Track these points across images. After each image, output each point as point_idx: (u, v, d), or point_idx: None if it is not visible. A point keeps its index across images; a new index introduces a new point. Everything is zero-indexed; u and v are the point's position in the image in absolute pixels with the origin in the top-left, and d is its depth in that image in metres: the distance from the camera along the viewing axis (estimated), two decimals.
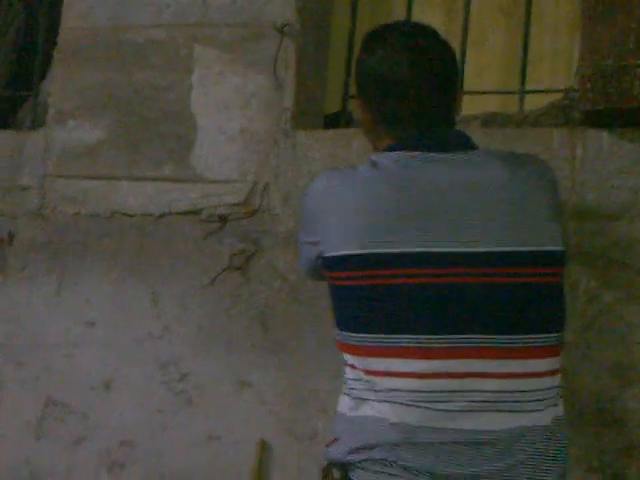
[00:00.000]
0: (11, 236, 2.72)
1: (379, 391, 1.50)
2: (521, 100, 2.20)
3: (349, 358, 1.57)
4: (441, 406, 1.47)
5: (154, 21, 2.57)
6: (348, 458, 1.54)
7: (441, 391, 1.47)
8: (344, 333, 1.56)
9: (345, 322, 1.56)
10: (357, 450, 1.53)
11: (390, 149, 1.58)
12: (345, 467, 1.57)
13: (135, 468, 2.49)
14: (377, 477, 1.49)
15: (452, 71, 1.61)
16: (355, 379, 1.57)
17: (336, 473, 1.59)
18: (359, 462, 1.53)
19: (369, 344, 1.51)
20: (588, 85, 1.95)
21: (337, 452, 1.57)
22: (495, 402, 1.47)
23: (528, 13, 2.21)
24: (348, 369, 1.58)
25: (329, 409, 2.26)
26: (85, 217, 2.62)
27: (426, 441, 1.47)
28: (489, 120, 2.19)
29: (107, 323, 2.57)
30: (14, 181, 2.73)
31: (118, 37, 2.61)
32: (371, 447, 1.51)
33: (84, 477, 2.54)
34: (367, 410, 1.53)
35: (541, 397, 1.49)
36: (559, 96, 2.17)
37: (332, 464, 1.61)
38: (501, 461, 1.46)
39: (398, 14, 2.42)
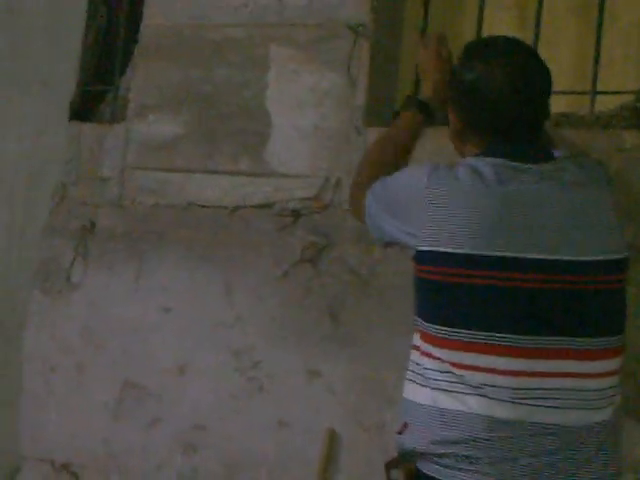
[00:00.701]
0: (92, 225, 2.84)
1: (473, 386, 1.58)
2: (592, 101, 2.23)
3: (434, 350, 1.62)
4: (538, 402, 1.57)
5: (232, 20, 2.64)
6: (427, 448, 1.61)
7: (536, 389, 1.57)
8: (433, 325, 1.63)
9: (437, 315, 1.62)
10: (439, 442, 1.60)
11: (480, 154, 1.66)
12: (415, 458, 1.64)
13: (207, 451, 2.58)
14: (463, 475, 1.58)
15: (546, 90, 1.69)
16: (439, 371, 1.62)
17: (406, 464, 1.66)
18: (439, 455, 1.60)
19: (463, 339, 1.59)
20: None
21: (413, 441, 1.64)
22: (585, 400, 1.58)
23: (600, 15, 2.23)
24: (428, 359, 1.64)
25: (397, 400, 2.30)
26: (162, 208, 2.72)
27: (516, 437, 1.56)
28: (561, 121, 2.23)
29: (182, 310, 2.66)
30: (95, 172, 2.84)
31: (197, 35, 2.70)
32: (456, 441, 1.58)
33: (158, 457, 2.64)
34: (454, 403, 1.59)
35: (611, 394, 1.62)
36: (630, 98, 2.19)
37: (404, 454, 1.67)
38: (580, 454, 1.58)
39: (470, 14, 2.46)
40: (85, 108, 2.94)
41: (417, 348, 1.68)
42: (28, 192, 2.94)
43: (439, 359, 1.62)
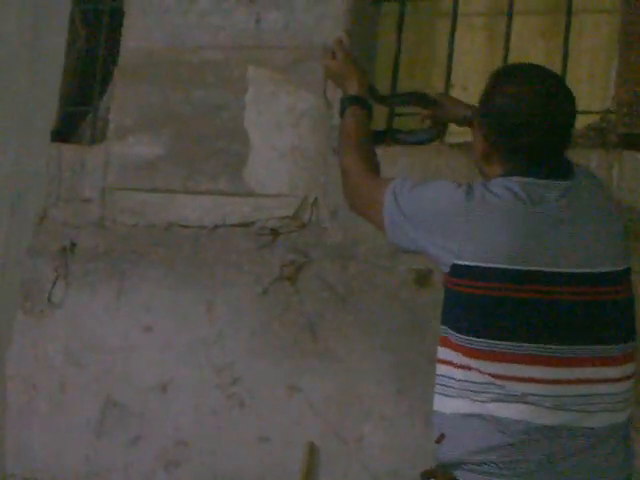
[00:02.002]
0: (73, 245, 2.87)
1: (514, 395, 1.65)
2: None
3: (472, 362, 1.67)
4: (575, 407, 1.66)
5: (210, 42, 2.70)
6: (466, 457, 1.67)
7: (574, 395, 1.66)
8: (473, 338, 1.68)
9: (477, 328, 1.68)
10: (478, 451, 1.66)
11: (506, 175, 1.73)
12: (452, 468, 1.69)
13: (189, 467, 2.62)
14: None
15: (573, 116, 1.77)
16: (477, 382, 1.67)
17: (443, 474, 1.70)
18: (478, 463, 1.67)
19: (505, 351, 1.66)
20: (625, 109, 2.04)
21: (452, 451, 1.69)
22: (610, 403, 1.68)
23: (567, 37, 2.30)
24: (464, 371, 1.69)
25: (374, 414, 2.37)
26: (143, 228, 2.76)
27: (553, 441, 1.65)
28: None
29: (163, 328, 2.70)
30: (76, 193, 2.87)
31: (176, 57, 2.75)
32: (495, 448, 1.65)
33: (141, 475, 2.67)
34: (494, 412, 1.65)
35: (629, 396, 1.72)
36: (596, 118, 2.26)
37: (441, 464, 1.72)
38: (604, 450, 1.68)
39: (441, 37, 2.53)
40: (65, 129, 2.98)
41: (449, 362, 1.71)
42: (11, 215, 2.96)
43: (477, 370, 1.67)
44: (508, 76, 1.78)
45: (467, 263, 1.67)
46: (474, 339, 1.67)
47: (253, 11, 2.64)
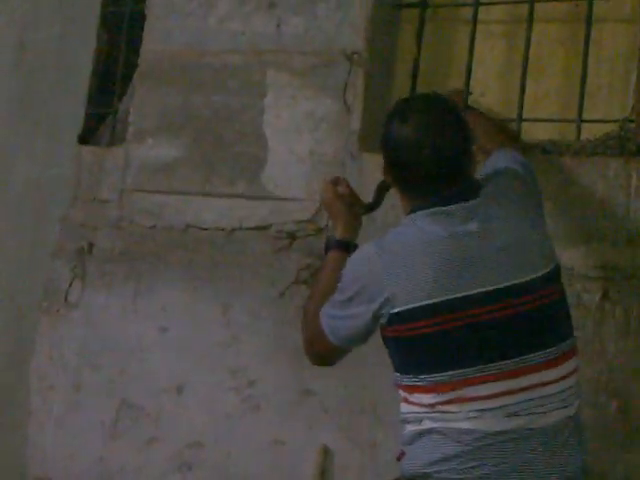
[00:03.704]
0: (90, 246, 2.89)
1: (462, 412, 1.73)
2: (578, 129, 2.29)
3: (421, 397, 1.77)
4: (525, 412, 1.73)
5: (230, 47, 2.72)
6: (426, 469, 1.75)
7: (521, 402, 1.73)
8: (412, 376, 1.77)
9: (414, 366, 1.77)
10: (435, 462, 1.75)
11: (413, 210, 1.83)
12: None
13: (202, 470, 2.62)
14: None
15: (460, 145, 1.81)
16: (427, 411, 1.76)
17: None
18: (437, 472, 1.74)
19: (445, 380, 1.74)
20: None
21: (411, 466, 1.79)
22: (559, 400, 1.76)
23: (586, 45, 2.29)
24: (414, 406, 1.79)
25: (387, 420, 2.37)
26: (161, 230, 2.77)
27: (507, 444, 1.73)
28: (548, 148, 2.29)
29: (179, 330, 2.71)
30: (94, 194, 2.89)
31: (196, 60, 2.77)
32: (451, 458, 1.73)
33: (154, 476, 2.68)
34: (446, 428, 1.74)
35: (576, 390, 1.80)
36: (615, 126, 2.26)
37: (406, 478, 1.80)
38: (557, 441, 1.76)
39: (461, 44, 2.53)
40: (85, 131, 3.00)
41: (404, 399, 1.82)
42: (36, 220, 2.99)
43: (429, 401, 1.76)
44: (398, 112, 1.86)
45: (397, 310, 1.76)
46: (420, 376, 1.76)
47: (274, 16, 2.65)
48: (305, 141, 2.60)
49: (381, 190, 2.11)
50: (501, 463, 1.71)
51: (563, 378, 1.77)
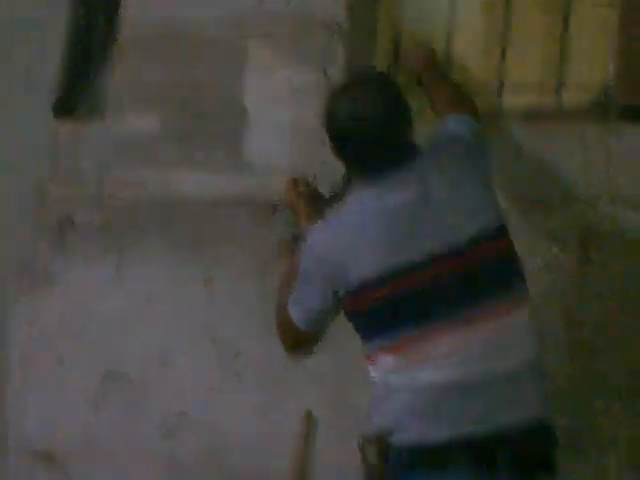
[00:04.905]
0: (70, 220, 2.88)
1: (424, 369, 1.81)
2: (558, 94, 2.31)
3: (383, 360, 1.85)
4: (486, 359, 1.81)
5: (210, 17, 2.71)
6: (394, 425, 1.83)
7: (483, 350, 1.81)
8: (375, 343, 1.86)
9: (375, 333, 1.85)
10: (401, 418, 1.83)
11: (354, 183, 1.92)
12: (385, 435, 1.84)
13: (188, 437, 2.64)
14: (430, 433, 1.80)
15: (390, 111, 1.88)
16: (389, 372, 1.84)
17: (378, 441, 1.84)
18: (405, 425, 1.82)
19: (402, 342, 1.82)
20: (623, 82, 2.06)
21: (382, 422, 1.86)
22: (516, 346, 1.83)
23: (567, 11, 2.31)
24: (379, 369, 1.87)
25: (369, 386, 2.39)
26: (142, 203, 2.77)
27: (469, 389, 1.80)
28: (528, 113, 2.31)
29: (162, 304, 2.71)
30: (74, 168, 2.88)
31: (175, 32, 2.75)
32: (417, 411, 1.81)
33: (140, 445, 2.70)
34: (407, 384, 1.82)
35: (530, 335, 1.87)
36: (595, 92, 2.28)
37: (375, 434, 1.86)
38: (517, 386, 1.82)
39: (443, 12, 2.54)
40: (63, 104, 2.98)
41: (370, 364, 1.91)
42: (12, 191, 2.96)
43: (387, 365, 1.85)
44: (336, 89, 1.97)
45: (350, 282, 1.84)
46: (378, 342, 1.84)
47: None
48: (286, 112, 2.60)
49: (345, 181, 2.16)
50: (467, 408, 1.78)
51: (517, 324, 1.84)
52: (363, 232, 1.83)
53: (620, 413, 2.20)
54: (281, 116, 2.61)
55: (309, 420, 2.49)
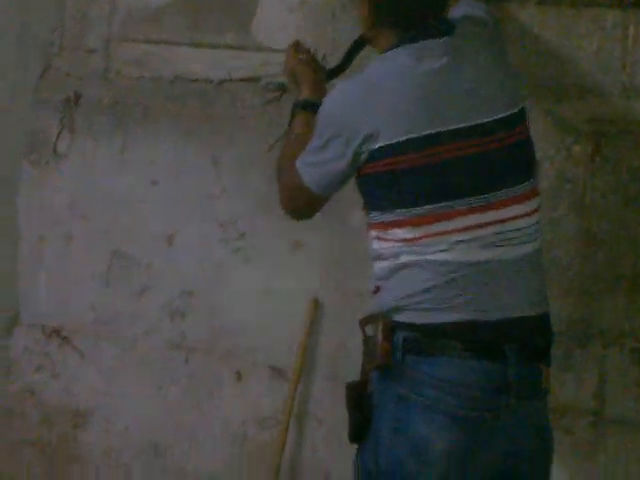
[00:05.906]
0: (77, 96, 2.84)
1: (438, 245, 1.79)
2: None
3: (396, 232, 1.80)
4: (496, 244, 1.81)
5: None
6: (405, 301, 1.81)
7: (494, 234, 1.81)
8: (391, 212, 1.81)
9: (395, 201, 1.80)
10: (416, 293, 1.80)
11: (392, 46, 1.84)
12: (391, 313, 1.82)
13: (194, 317, 2.68)
14: (442, 313, 1.79)
15: None
16: (403, 242, 1.80)
17: (382, 319, 1.83)
18: (417, 302, 1.80)
19: (423, 213, 1.79)
20: None
21: (390, 298, 1.83)
22: (523, 235, 1.84)
23: None
24: (389, 243, 1.82)
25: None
26: (148, 80, 2.73)
27: (487, 274, 1.81)
28: None
29: (169, 182, 2.71)
30: (80, 43, 2.82)
31: None
32: (432, 288, 1.79)
33: (147, 323, 2.75)
34: (428, 259, 1.79)
35: (537, 228, 1.88)
36: None
37: (380, 311, 1.85)
38: (524, 273, 1.84)
39: None
40: None
41: (380, 238, 1.85)
42: (16, 63, 2.92)
43: (399, 238, 1.81)
44: None
45: (380, 144, 1.77)
46: (396, 211, 1.79)
47: None
48: None
49: (354, 49, 2.10)
50: (477, 293, 1.78)
51: (529, 214, 1.84)
52: (399, 92, 1.77)
53: (625, 307, 2.22)
54: None
55: (315, 306, 2.52)
